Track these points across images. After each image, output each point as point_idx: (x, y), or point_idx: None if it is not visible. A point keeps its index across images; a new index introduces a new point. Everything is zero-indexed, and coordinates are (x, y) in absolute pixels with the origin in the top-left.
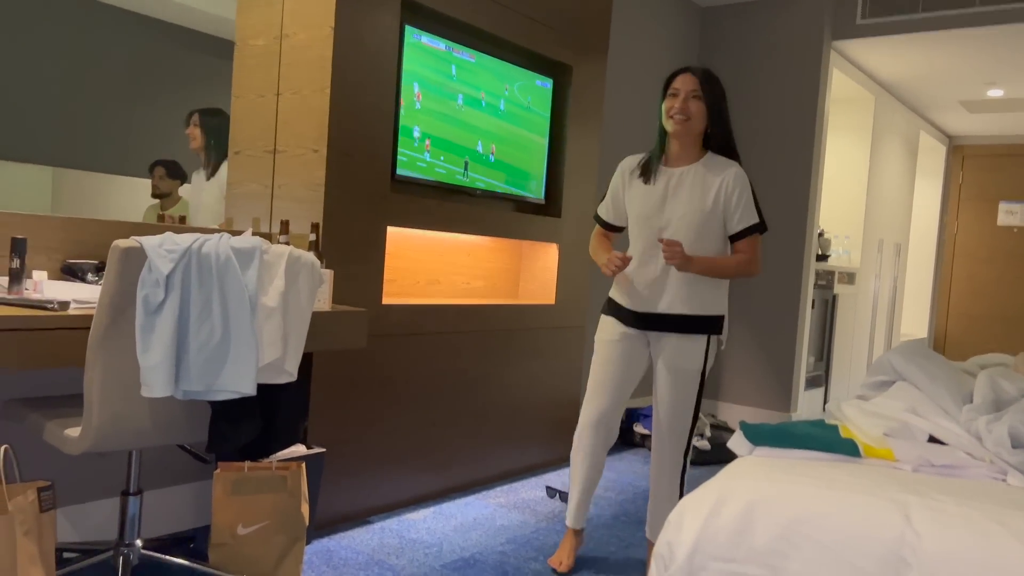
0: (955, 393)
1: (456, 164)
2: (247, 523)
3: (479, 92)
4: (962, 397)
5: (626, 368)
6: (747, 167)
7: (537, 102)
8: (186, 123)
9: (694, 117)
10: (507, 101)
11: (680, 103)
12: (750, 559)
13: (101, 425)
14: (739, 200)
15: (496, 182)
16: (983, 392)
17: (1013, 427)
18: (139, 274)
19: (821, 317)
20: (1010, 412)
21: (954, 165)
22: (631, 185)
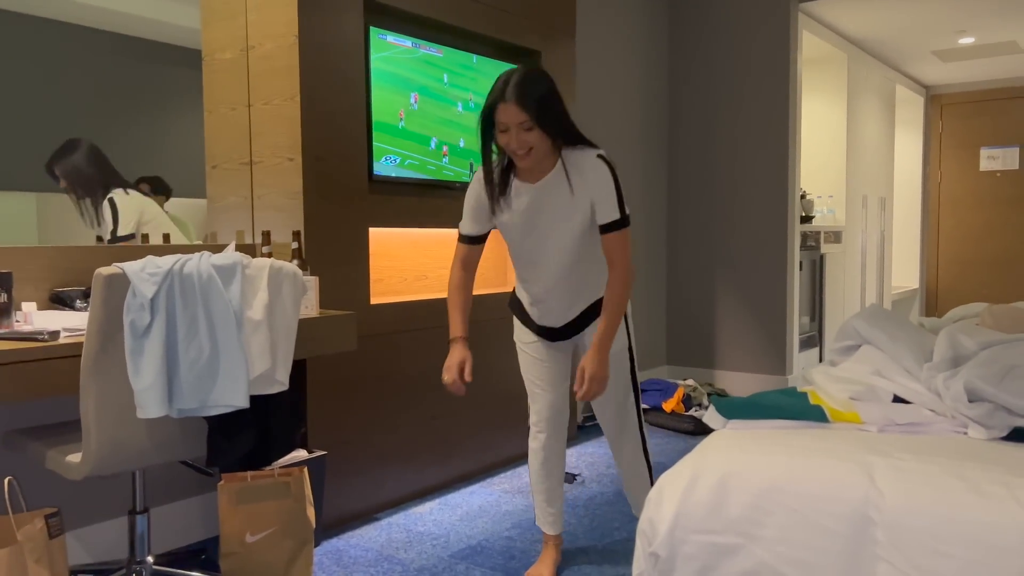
0: (916, 353)
1: (434, 157)
2: (255, 531)
3: (447, 85)
4: (923, 356)
5: (554, 360)
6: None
7: None
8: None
9: (536, 145)
10: (477, 92)
11: (515, 139)
12: (727, 529)
13: (100, 449)
14: (599, 195)
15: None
16: (942, 350)
17: (968, 381)
18: (124, 300)
19: (810, 278)
20: (966, 368)
21: (933, 115)
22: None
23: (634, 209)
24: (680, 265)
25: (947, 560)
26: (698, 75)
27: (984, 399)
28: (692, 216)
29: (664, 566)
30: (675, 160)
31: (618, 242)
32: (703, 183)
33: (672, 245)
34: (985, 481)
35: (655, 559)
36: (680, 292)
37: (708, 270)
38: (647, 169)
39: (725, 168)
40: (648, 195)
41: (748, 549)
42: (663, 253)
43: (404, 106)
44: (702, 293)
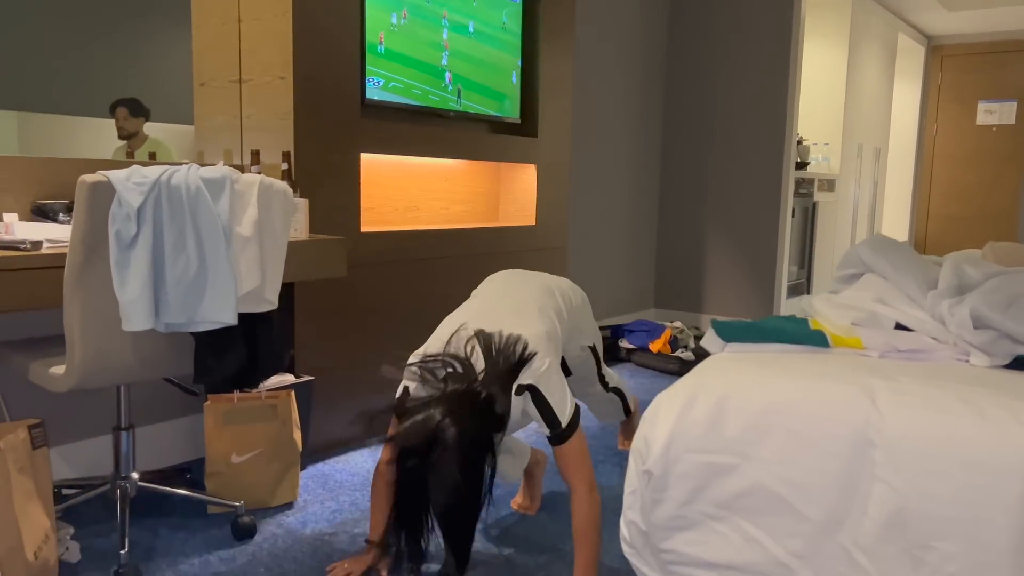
0: (921, 281)
1: (432, 85)
2: (240, 452)
3: (447, 11)
4: (927, 284)
5: None
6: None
7: (509, 20)
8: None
9: None
10: (476, 20)
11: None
12: (723, 449)
13: (85, 362)
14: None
15: (469, 102)
16: (947, 278)
17: (974, 308)
18: (109, 209)
19: (802, 225)
20: (972, 295)
21: (933, 66)
22: None
23: (627, 149)
24: (672, 207)
25: (945, 481)
26: (699, 11)
27: (989, 326)
28: (687, 157)
29: (657, 484)
30: (672, 99)
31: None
32: (699, 123)
33: (665, 186)
34: (988, 405)
35: (648, 477)
36: (670, 234)
37: (699, 213)
38: (643, 107)
39: (723, 109)
40: (643, 134)
41: (743, 469)
42: (655, 194)
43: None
44: (692, 236)
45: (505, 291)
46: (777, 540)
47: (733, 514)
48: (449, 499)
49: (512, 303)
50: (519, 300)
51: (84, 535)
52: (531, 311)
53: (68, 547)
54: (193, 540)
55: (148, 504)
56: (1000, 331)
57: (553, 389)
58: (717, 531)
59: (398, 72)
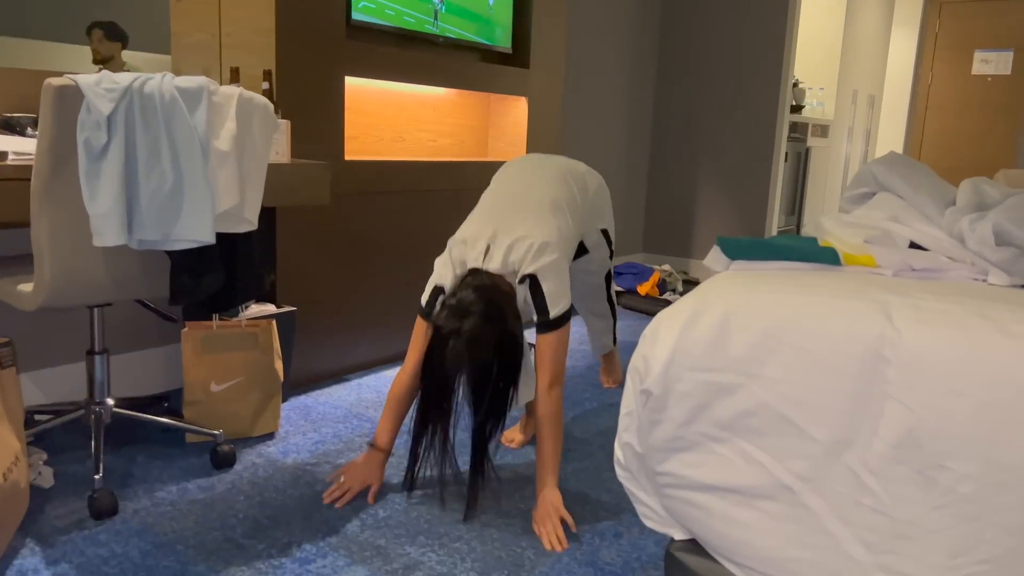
0: (938, 199)
1: (420, 11)
2: (220, 380)
3: None
4: (945, 203)
5: None
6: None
7: None
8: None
9: None
10: None
11: None
12: (727, 367)
13: (54, 278)
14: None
15: (459, 30)
16: (967, 195)
17: (997, 223)
18: (77, 116)
19: (793, 171)
20: (994, 211)
21: (931, 13)
22: None
23: (620, 88)
24: (663, 148)
25: (962, 400)
26: None
27: (1011, 243)
28: (680, 97)
29: (655, 404)
30: (667, 36)
31: (544, 344)
32: (695, 63)
33: (657, 127)
34: (1011, 320)
35: (646, 396)
36: (661, 178)
37: (691, 155)
38: (638, 45)
39: (719, 48)
40: (637, 73)
41: (748, 388)
42: (647, 135)
43: None
44: (683, 179)
45: (520, 187)
46: (780, 461)
47: (735, 435)
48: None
49: (526, 202)
50: (533, 199)
51: (58, 461)
52: (544, 210)
53: (41, 472)
54: (171, 468)
55: (124, 432)
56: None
57: (552, 282)
58: (717, 453)
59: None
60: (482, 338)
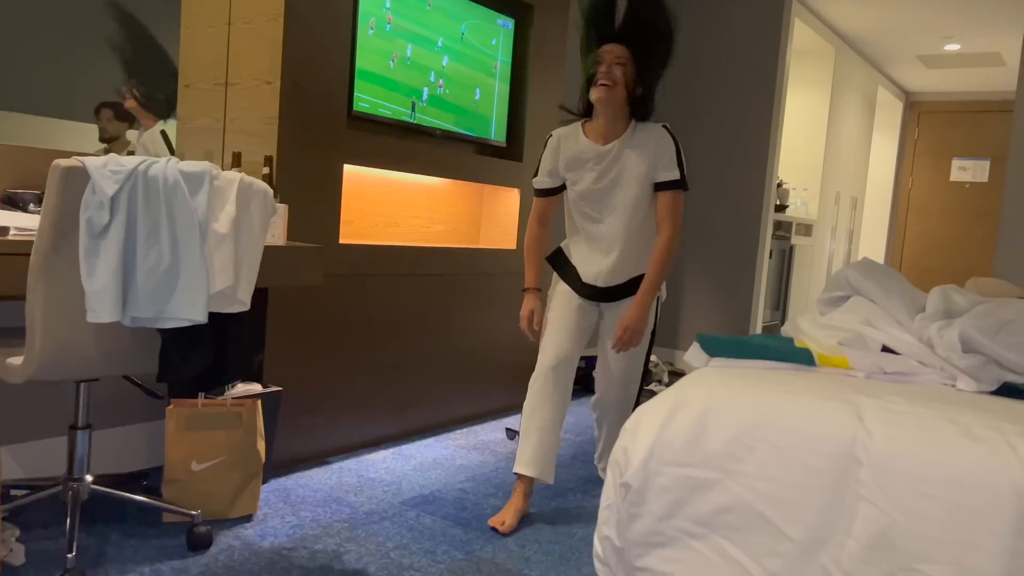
0: (909, 305)
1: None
2: (201, 459)
3: (436, 32)
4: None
5: (582, 318)
6: (709, 117)
7: (498, 43)
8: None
9: (618, 84)
10: (465, 42)
11: (605, 69)
12: (705, 463)
13: (44, 352)
14: (663, 158)
15: (450, 126)
16: (936, 302)
17: (964, 331)
18: (82, 196)
19: (778, 268)
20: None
21: (910, 121)
22: (567, 157)
23: None
24: None
25: (933, 503)
26: (687, 52)
27: (977, 351)
28: None
29: (635, 497)
30: None
31: (672, 202)
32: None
33: None
34: (978, 426)
35: (626, 490)
36: None
37: (679, 251)
38: None
39: (707, 148)
40: None
41: (725, 484)
42: None
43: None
44: (671, 273)
45: None
46: (756, 560)
47: (712, 531)
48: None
49: None
50: None
51: (31, 538)
52: None
53: (12, 548)
54: (145, 548)
55: (101, 509)
56: (988, 356)
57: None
58: (695, 549)
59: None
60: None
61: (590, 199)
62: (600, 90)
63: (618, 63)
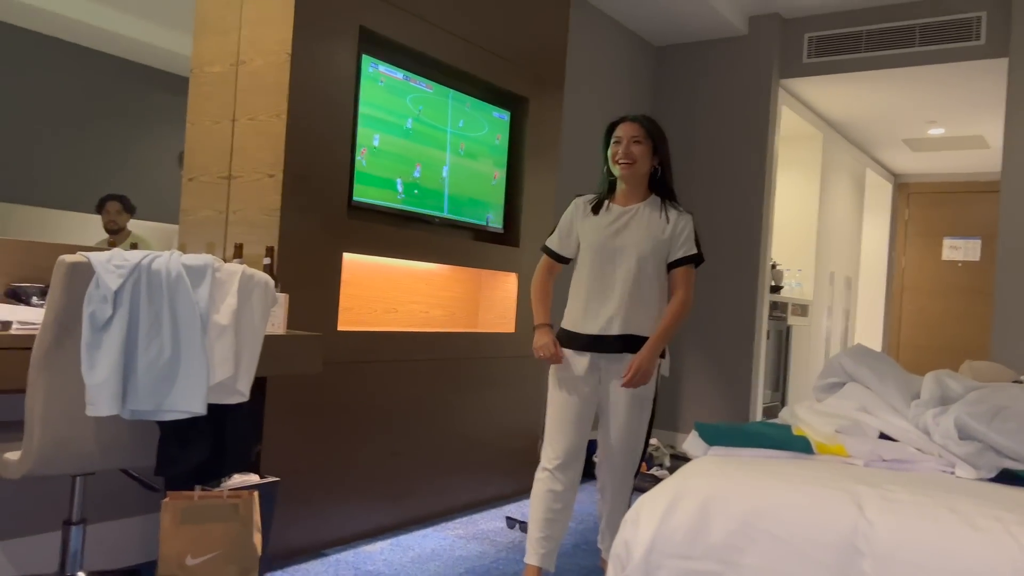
0: (904, 391)
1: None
2: (196, 553)
3: (435, 123)
4: (911, 394)
5: (584, 406)
6: (701, 200)
7: (494, 134)
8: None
9: (639, 160)
10: (463, 134)
11: (624, 148)
12: (707, 555)
13: (43, 447)
14: (682, 233)
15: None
16: (930, 388)
17: (959, 418)
18: (85, 290)
19: (776, 348)
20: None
21: (900, 202)
22: (585, 219)
23: None
24: None
25: None
26: (679, 139)
27: (973, 437)
28: None
29: None
30: None
31: (687, 274)
32: None
33: None
34: (978, 515)
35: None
36: None
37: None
38: None
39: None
40: None
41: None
42: None
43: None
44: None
45: None
46: None
47: None
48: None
49: None
50: None
51: None
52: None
53: None
54: None
55: None
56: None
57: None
58: None
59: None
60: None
61: (601, 252)
62: (622, 167)
63: (635, 141)
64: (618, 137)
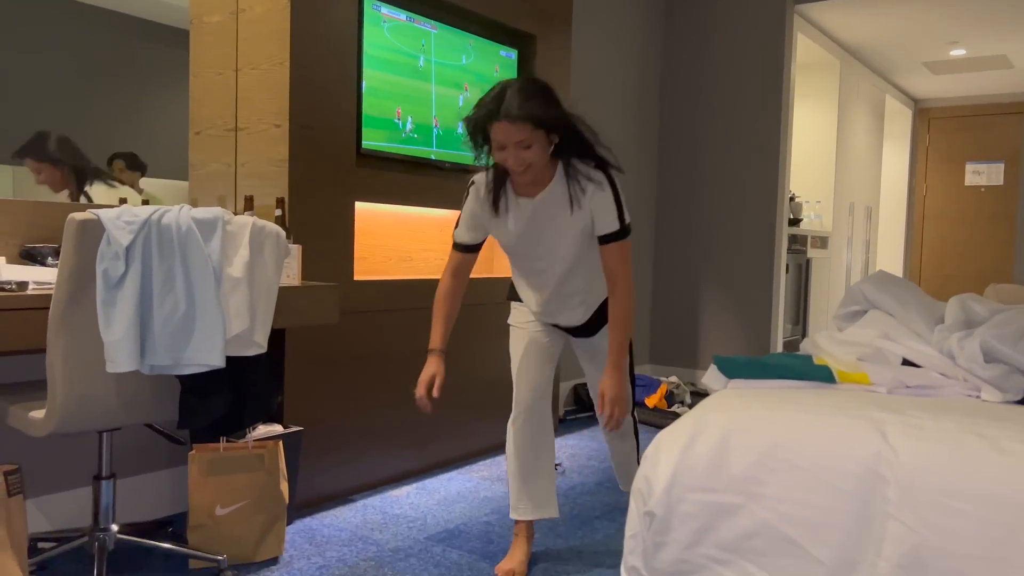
0: (927, 316)
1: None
2: (225, 503)
3: (442, 64)
4: (934, 320)
5: (549, 343)
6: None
7: (502, 73)
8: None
9: (535, 161)
10: (470, 73)
11: (513, 158)
12: (728, 487)
13: (66, 405)
14: (599, 209)
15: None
16: (954, 313)
17: (985, 341)
18: (97, 248)
19: (796, 282)
20: (981, 328)
21: (920, 128)
22: (490, 220)
23: None
24: (666, 263)
25: (962, 518)
26: (692, 71)
27: (999, 360)
28: (680, 213)
29: (659, 526)
30: (665, 156)
31: (617, 254)
32: (693, 180)
33: (659, 242)
34: (1004, 438)
35: (650, 518)
36: (665, 290)
37: (694, 269)
38: (637, 164)
39: (716, 166)
40: (637, 191)
41: (749, 509)
42: (650, 250)
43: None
44: (687, 292)
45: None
46: None
47: (739, 557)
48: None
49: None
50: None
51: None
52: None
53: None
54: None
55: (127, 558)
56: (1012, 365)
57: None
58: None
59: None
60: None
61: (522, 252)
62: (522, 176)
63: (523, 147)
64: (500, 143)
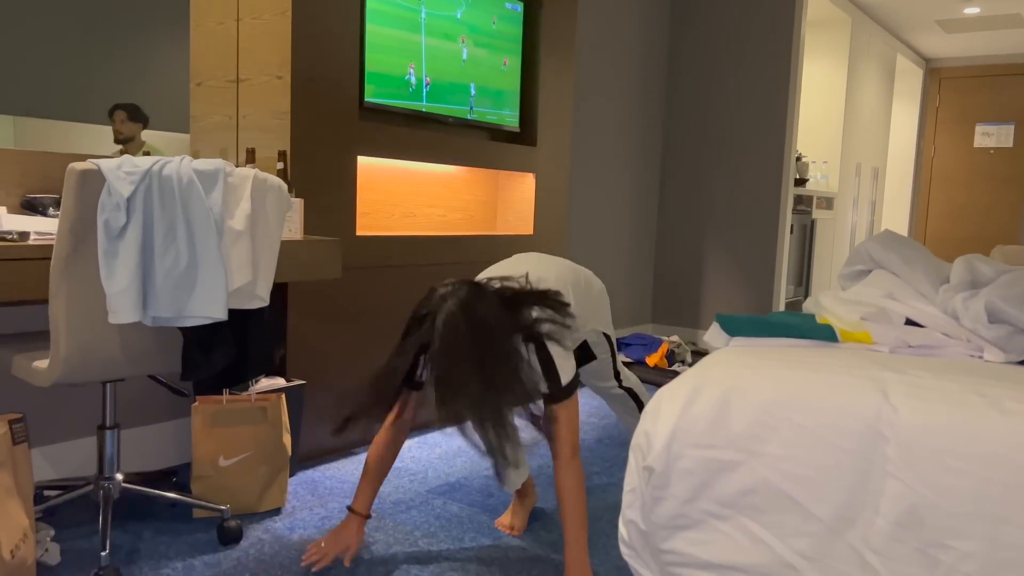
0: (932, 276)
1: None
2: (228, 455)
3: (446, 15)
4: (939, 279)
5: None
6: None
7: (508, 27)
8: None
9: None
10: (475, 25)
11: None
12: (728, 444)
13: (69, 355)
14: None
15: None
16: (960, 273)
17: (990, 302)
18: (98, 198)
19: (800, 242)
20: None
21: (931, 88)
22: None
23: (627, 163)
24: (670, 221)
25: (963, 478)
26: (701, 27)
27: (1004, 321)
28: (686, 172)
29: (658, 481)
30: (672, 113)
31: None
32: (699, 138)
33: (664, 201)
34: (1006, 399)
35: (649, 473)
36: (668, 249)
37: (698, 228)
38: (644, 121)
39: (722, 124)
40: (643, 148)
41: (749, 465)
42: (653, 209)
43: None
44: (690, 251)
45: (535, 261)
46: (784, 540)
47: (737, 512)
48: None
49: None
50: (548, 270)
51: (65, 537)
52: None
53: (48, 548)
54: (177, 544)
55: (132, 507)
56: (1016, 326)
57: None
58: (721, 530)
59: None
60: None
61: None
62: None
63: None
64: None
